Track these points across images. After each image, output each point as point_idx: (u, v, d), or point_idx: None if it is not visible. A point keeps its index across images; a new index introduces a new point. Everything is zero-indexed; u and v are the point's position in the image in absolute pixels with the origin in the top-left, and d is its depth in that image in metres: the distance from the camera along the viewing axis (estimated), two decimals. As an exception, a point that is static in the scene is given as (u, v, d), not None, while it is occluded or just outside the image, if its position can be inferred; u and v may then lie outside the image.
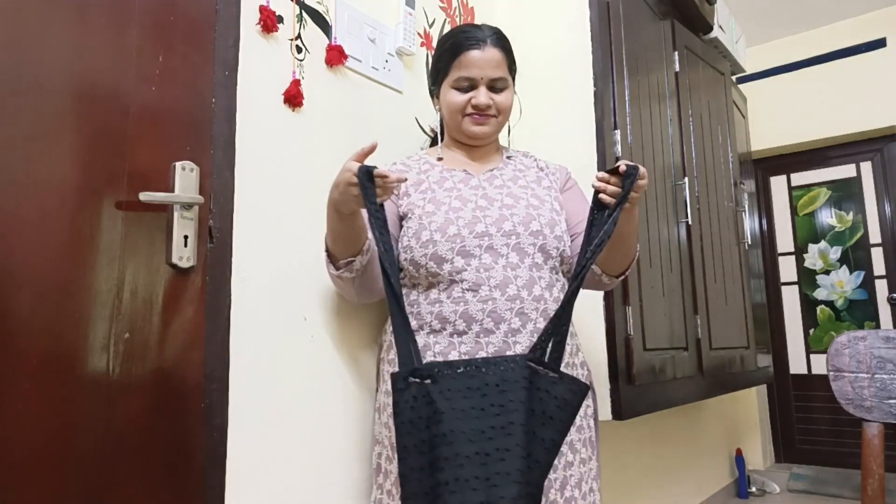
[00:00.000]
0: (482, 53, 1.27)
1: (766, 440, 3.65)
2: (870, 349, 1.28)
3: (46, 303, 0.90)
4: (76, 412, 0.91)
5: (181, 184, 1.06)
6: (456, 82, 1.29)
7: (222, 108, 1.15)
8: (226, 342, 1.11)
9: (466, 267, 1.19)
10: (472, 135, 1.31)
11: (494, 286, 1.18)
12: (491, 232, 1.21)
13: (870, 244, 3.52)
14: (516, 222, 1.23)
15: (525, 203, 1.27)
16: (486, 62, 1.27)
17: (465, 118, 1.31)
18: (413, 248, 1.21)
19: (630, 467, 2.34)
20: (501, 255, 1.20)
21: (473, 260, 1.19)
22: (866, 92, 3.46)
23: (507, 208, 1.25)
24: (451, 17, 1.82)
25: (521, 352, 1.15)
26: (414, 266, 1.22)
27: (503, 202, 1.26)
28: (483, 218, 1.22)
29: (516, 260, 1.20)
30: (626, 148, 1.76)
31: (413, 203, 1.27)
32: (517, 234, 1.22)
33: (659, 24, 2.15)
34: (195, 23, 1.13)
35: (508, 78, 1.32)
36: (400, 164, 1.37)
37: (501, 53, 1.30)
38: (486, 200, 1.26)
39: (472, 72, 1.27)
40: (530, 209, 1.26)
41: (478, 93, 1.28)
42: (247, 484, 1.12)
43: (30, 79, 0.91)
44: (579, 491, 1.20)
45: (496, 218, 1.22)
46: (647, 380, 1.72)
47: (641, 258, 1.77)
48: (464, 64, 1.27)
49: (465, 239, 1.20)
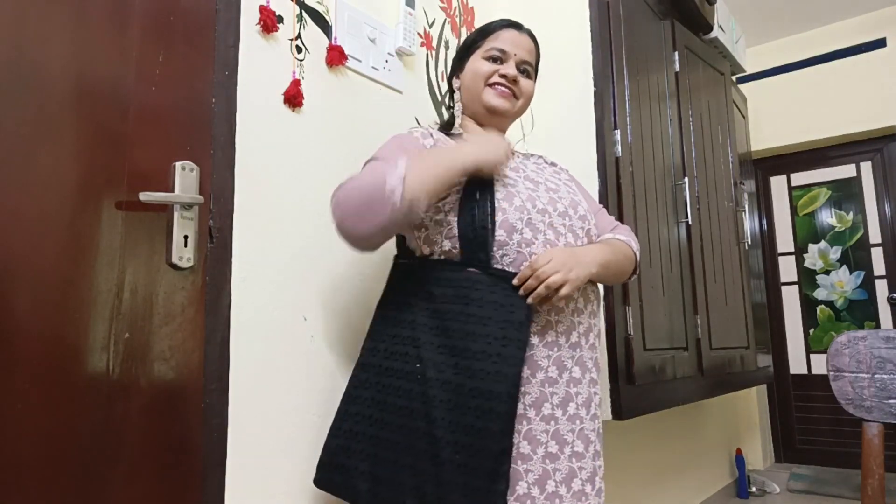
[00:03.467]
0: (519, 35, 1.30)
1: (766, 440, 3.65)
2: (870, 349, 1.28)
3: (46, 303, 0.90)
4: (76, 412, 0.91)
5: (181, 184, 1.06)
6: (487, 52, 1.27)
7: (222, 108, 1.15)
8: (226, 342, 1.11)
9: (534, 241, 1.14)
10: (491, 106, 1.26)
11: None
12: (549, 210, 1.18)
13: (870, 244, 3.52)
14: (566, 205, 1.21)
15: (566, 188, 1.27)
16: (521, 43, 1.29)
17: (487, 88, 1.27)
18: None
19: (630, 467, 2.34)
20: (561, 235, 1.18)
21: (540, 234, 1.16)
22: (866, 92, 3.46)
23: (553, 192, 1.23)
24: (451, 17, 1.82)
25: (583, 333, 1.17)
26: (453, 240, 1.14)
27: (547, 185, 1.24)
28: (538, 197, 1.19)
29: (572, 240, 1.19)
30: (626, 148, 1.76)
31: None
32: (569, 215, 1.21)
33: (659, 24, 2.15)
34: (195, 23, 1.13)
35: (534, 70, 1.33)
36: (422, 132, 1.26)
37: (534, 45, 1.33)
38: (531, 182, 1.23)
39: (506, 45, 1.27)
40: (571, 194, 1.26)
41: (508, 65, 1.27)
42: (247, 484, 1.12)
43: (30, 79, 0.92)
44: (592, 486, 1.12)
45: (548, 199, 1.20)
46: (647, 380, 1.72)
47: (641, 258, 1.77)
48: (500, 38, 1.28)
49: (531, 212, 1.16)
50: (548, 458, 1.08)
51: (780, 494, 3.27)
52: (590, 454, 1.13)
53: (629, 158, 1.78)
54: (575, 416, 1.12)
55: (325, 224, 1.34)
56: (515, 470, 1.05)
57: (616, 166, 1.72)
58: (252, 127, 1.21)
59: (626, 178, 1.75)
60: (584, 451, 1.12)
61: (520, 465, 1.05)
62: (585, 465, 1.12)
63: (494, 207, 1.13)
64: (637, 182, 1.82)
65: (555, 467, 1.08)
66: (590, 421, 1.15)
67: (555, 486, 1.07)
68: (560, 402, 1.11)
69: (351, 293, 1.38)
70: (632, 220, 1.75)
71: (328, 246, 1.34)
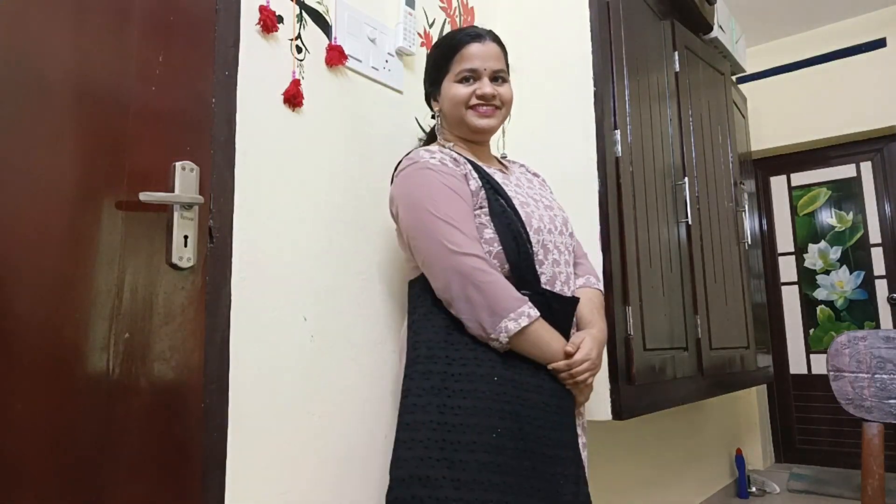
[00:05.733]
0: (483, 46, 1.29)
1: (766, 440, 3.65)
2: (870, 349, 1.28)
3: (46, 303, 0.90)
4: (76, 412, 0.91)
5: (181, 184, 1.06)
6: (459, 75, 1.29)
7: (222, 108, 1.15)
8: (226, 342, 1.10)
9: (545, 261, 1.23)
10: (476, 128, 1.30)
11: (563, 282, 1.25)
12: (549, 228, 1.25)
13: (870, 244, 3.52)
14: (559, 222, 1.28)
15: (556, 205, 1.33)
16: (487, 54, 1.29)
17: (468, 111, 1.29)
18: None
19: (630, 467, 2.34)
20: (561, 252, 1.26)
21: (549, 255, 1.24)
22: (866, 92, 3.46)
23: (548, 209, 1.29)
24: (451, 17, 1.82)
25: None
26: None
27: (541, 202, 1.30)
28: (537, 216, 1.26)
29: (567, 258, 1.28)
30: (626, 148, 1.76)
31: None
32: (561, 232, 1.27)
33: (659, 24, 2.15)
34: (195, 23, 1.13)
35: (507, 70, 1.34)
36: (438, 151, 1.26)
37: (499, 49, 1.33)
38: (529, 198, 1.29)
39: (474, 63, 1.28)
40: (559, 210, 1.32)
41: (482, 83, 1.28)
42: (247, 484, 1.12)
43: (30, 79, 0.91)
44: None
45: (549, 217, 1.27)
46: (647, 380, 1.71)
47: (641, 258, 1.77)
48: (466, 57, 1.28)
49: (543, 233, 1.24)
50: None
51: (780, 494, 3.27)
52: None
53: (629, 158, 1.78)
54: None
55: (325, 224, 1.34)
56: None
57: (616, 166, 1.72)
58: (252, 127, 1.21)
59: (626, 178, 1.75)
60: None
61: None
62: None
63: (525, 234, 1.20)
64: (637, 182, 1.82)
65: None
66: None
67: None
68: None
69: (351, 293, 1.38)
70: (632, 220, 1.75)
71: (328, 246, 1.34)
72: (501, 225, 1.18)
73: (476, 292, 1.11)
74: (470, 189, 1.22)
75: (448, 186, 1.19)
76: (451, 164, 1.23)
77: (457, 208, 1.18)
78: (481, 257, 1.14)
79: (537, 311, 1.14)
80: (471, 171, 1.25)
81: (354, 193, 1.41)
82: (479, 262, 1.13)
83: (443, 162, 1.23)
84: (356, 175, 1.43)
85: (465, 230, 1.16)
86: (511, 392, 1.11)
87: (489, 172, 1.28)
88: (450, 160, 1.24)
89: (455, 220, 1.16)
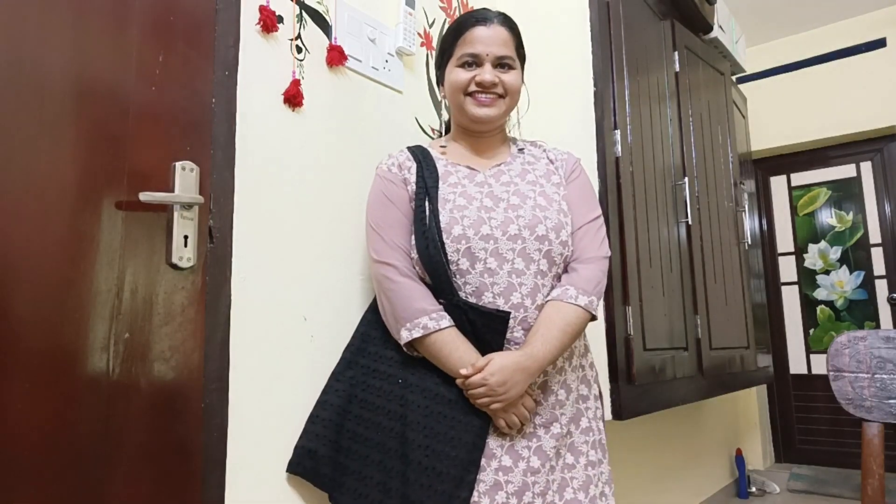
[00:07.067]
0: (488, 30, 1.23)
1: (766, 440, 3.65)
2: (870, 349, 1.28)
3: (46, 303, 0.90)
4: (76, 412, 0.91)
5: (181, 184, 1.06)
6: (460, 59, 1.23)
7: (222, 108, 1.15)
8: (226, 342, 1.11)
9: (471, 270, 1.15)
10: (474, 117, 1.24)
11: (498, 293, 1.14)
12: (496, 235, 1.15)
13: (870, 244, 3.52)
14: (522, 225, 1.17)
15: (532, 203, 1.20)
16: (492, 39, 1.22)
17: (467, 98, 1.23)
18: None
19: (630, 467, 2.34)
20: (507, 261, 1.15)
21: (478, 263, 1.15)
22: (866, 92, 3.46)
23: (514, 209, 1.19)
24: (451, 17, 1.82)
25: None
26: (419, 266, 1.18)
27: (509, 202, 1.20)
28: (488, 220, 1.17)
29: (522, 266, 1.16)
30: (626, 148, 1.76)
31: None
32: (523, 238, 1.16)
33: (659, 24, 2.15)
34: (195, 23, 1.13)
35: (516, 59, 1.26)
36: (398, 155, 1.29)
37: (509, 33, 1.25)
38: (491, 200, 1.21)
39: (476, 48, 1.22)
40: (537, 210, 1.19)
41: (482, 70, 1.22)
42: (247, 484, 1.12)
43: (30, 79, 0.91)
44: (585, 494, 1.15)
45: (501, 220, 1.17)
46: (647, 380, 1.72)
47: (641, 258, 1.77)
48: (468, 40, 1.23)
49: (471, 240, 1.15)
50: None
51: (780, 494, 3.27)
52: None
53: (629, 158, 1.78)
54: (573, 501, 1.15)
55: (325, 223, 1.34)
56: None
57: (616, 166, 1.72)
58: (252, 127, 1.21)
59: (626, 178, 1.75)
60: None
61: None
62: None
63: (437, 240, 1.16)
64: (637, 182, 1.82)
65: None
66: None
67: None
68: (540, 491, 1.11)
69: (350, 293, 1.38)
70: (632, 220, 1.75)
71: (328, 246, 1.34)
72: (418, 232, 1.18)
73: (385, 299, 1.19)
74: (408, 194, 1.24)
75: (384, 193, 1.24)
76: (395, 169, 1.26)
77: (383, 215, 1.22)
78: (392, 265, 1.17)
79: (449, 321, 1.13)
80: (412, 176, 1.24)
81: (354, 193, 1.41)
82: (389, 269, 1.17)
83: (389, 168, 1.27)
84: (356, 175, 1.43)
85: (387, 237, 1.19)
86: (409, 396, 1.15)
87: (449, 171, 1.25)
88: (397, 165, 1.27)
89: (380, 228, 1.21)
